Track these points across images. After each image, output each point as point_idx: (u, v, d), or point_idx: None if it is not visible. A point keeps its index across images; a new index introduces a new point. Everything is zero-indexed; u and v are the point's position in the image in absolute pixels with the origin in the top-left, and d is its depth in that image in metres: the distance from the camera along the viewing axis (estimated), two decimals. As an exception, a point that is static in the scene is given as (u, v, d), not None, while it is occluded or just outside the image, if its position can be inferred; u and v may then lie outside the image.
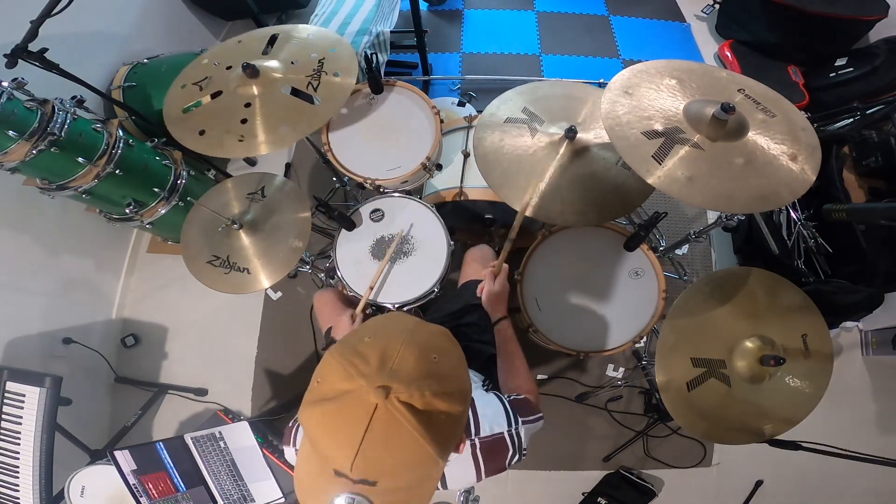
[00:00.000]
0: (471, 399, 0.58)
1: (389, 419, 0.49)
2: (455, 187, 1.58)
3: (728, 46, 2.63)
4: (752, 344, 1.07)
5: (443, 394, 0.51)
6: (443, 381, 0.53)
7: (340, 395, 0.50)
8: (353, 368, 0.51)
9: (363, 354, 0.52)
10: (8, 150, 1.34)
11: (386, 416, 0.49)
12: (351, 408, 0.49)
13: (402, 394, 0.49)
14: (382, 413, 0.49)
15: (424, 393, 0.50)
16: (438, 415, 0.51)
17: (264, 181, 1.42)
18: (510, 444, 0.80)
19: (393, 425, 0.49)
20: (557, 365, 2.00)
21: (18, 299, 1.71)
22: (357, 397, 0.49)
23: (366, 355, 0.52)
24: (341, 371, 0.51)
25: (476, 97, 2.16)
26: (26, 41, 1.22)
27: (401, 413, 0.49)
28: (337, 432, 0.50)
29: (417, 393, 0.50)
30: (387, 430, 0.49)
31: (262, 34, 1.45)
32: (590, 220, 1.26)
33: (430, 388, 0.51)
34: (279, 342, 2.10)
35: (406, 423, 0.49)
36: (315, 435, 0.52)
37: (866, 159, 1.80)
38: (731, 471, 1.93)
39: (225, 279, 1.32)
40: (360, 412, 0.49)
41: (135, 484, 1.43)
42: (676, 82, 1.12)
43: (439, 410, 0.51)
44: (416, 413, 0.49)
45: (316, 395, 0.52)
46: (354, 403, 0.49)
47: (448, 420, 0.52)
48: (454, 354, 0.58)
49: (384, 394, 0.48)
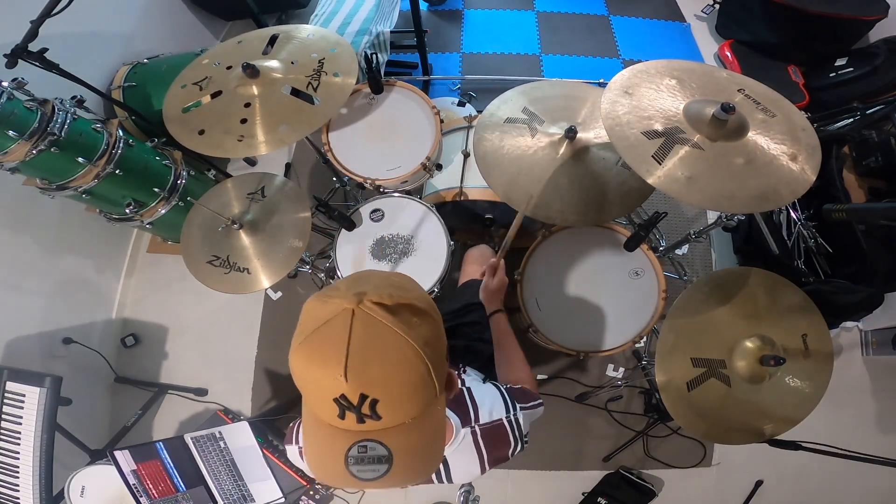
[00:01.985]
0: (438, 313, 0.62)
1: (367, 320, 0.52)
2: (455, 187, 1.58)
3: (728, 46, 2.63)
4: (752, 344, 1.07)
5: (409, 298, 0.56)
6: (405, 290, 0.58)
7: (320, 320, 0.53)
8: (327, 297, 0.55)
9: (335, 286, 0.58)
10: (8, 150, 1.34)
11: (363, 318, 0.52)
12: (331, 325, 0.52)
13: (374, 296, 0.53)
14: (360, 315, 0.52)
15: (392, 294, 0.54)
16: (410, 315, 0.55)
17: (264, 181, 1.43)
18: (510, 431, 0.81)
19: (372, 325, 0.52)
20: (557, 365, 1.99)
21: (18, 299, 1.71)
22: (335, 315, 0.53)
23: (337, 286, 0.58)
24: (318, 303, 0.55)
25: (476, 97, 2.16)
26: (26, 41, 1.22)
27: (376, 312, 0.52)
28: (324, 350, 0.52)
29: (386, 294, 0.54)
30: (368, 331, 0.52)
31: (262, 34, 1.45)
32: (590, 220, 1.26)
33: (396, 293, 0.55)
34: (279, 342, 2.10)
35: (383, 320, 0.52)
36: (305, 371, 0.54)
37: (866, 159, 1.80)
38: (731, 471, 1.93)
39: (225, 279, 1.32)
40: (339, 324, 0.52)
41: (135, 484, 1.43)
42: (676, 82, 1.12)
43: (409, 307, 0.55)
44: (389, 310, 0.53)
45: (299, 332, 0.56)
46: (333, 319, 0.53)
47: (422, 323, 0.56)
48: (414, 283, 0.63)
49: (357, 299, 0.52)
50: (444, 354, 0.60)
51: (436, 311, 0.61)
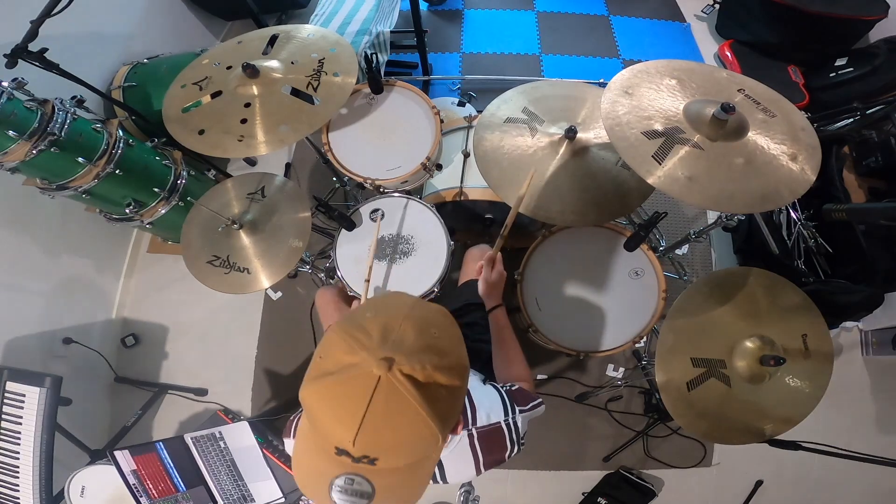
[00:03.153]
0: (468, 377, 0.58)
1: (392, 391, 0.49)
2: (455, 187, 1.58)
3: (728, 46, 2.63)
4: (752, 344, 1.07)
5: (443, 368, 0.52)
6: (443, 355, 0.53)
7: (343, 368, 0.50)
8: (356, 342, 0.51)
9: (365, 329, 0.53)
10: (8, 150, 1.34)
11: (389, 389, 0.49)
12: (354, 380, 0.49)
13: (405, 366, 0.49)
14: (385, 385, 0.49)
15: (426, 366, 0.50)
16: (439, 389, 0.51)
17: (264, 181, 1.43)
18: (507, 434, 0.80)
19: (395, 398, 0.49)
20: (557, 365, 1.99)
21: (18, 299, 1.71)
22: (360, 370, 0.49)
23: (368, 329, 0.53)
24: (344, 345, 0.52)
25: (476, 97, 2.16)
26: (26, 41, 1.22)
27: (403, 385, 0.49)
28: (339, 406, 0.50)
29: (419, 365, 0.50)
30: (389, 402, 0.49)
31: (263, 34, 1.45)
32: (590, 220, 1.26)
33: (431, 361, 0.51)
34: (279, 342, 2.10)
35: (408, 396, 0.49)
36: (316, 411, 0.52)
37: (866, 159, 1.80)
38: (731, 471, 1.93)
39: (225, 279, 1.32)
40: (363, 385, 0.49)
41: (135, 484, 1.43)
42: (676, 82, 1.12)
43: (439, 384, 0.51)
44: (418, 386, 0.50)
45: (318, 370, 0.52)
46: (357, 376, 0.49)
47: (448, 395, 0.53)
48: (453, 331, 0.59)
49: (387, 365, 0.49)
50: (460, 411, 0.58)
51: (466, 373, 0.57)
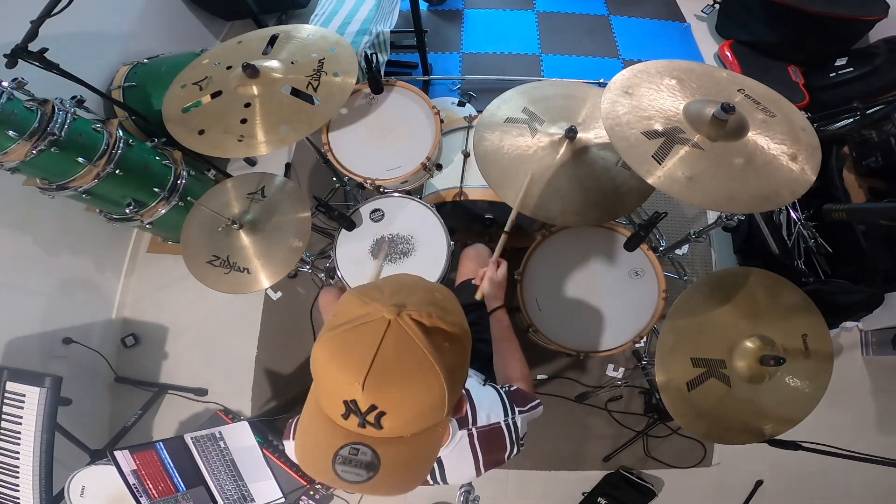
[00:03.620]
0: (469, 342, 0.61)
1: (401, 335, 0.52)
2: (455, 187, 1.58)
3: (728, 46, 2.63)
4: (752, 344, 1.07)
5: (447, 320, 0.55)
6: (446, 311, 0.57)
7: (356, 318, 0.53)
8: (368, 297, 0.55)
9: (378, 287, 0.58)
10: (8, 150, 1.34)
11: (398, 332, 0.52)
12: (365, 326, 0.53)
13: (413, 312, 0.53)
14: (395, 328, 0.52)
15: (431, 314, 0.54)
16: (443, 337, 0.55)
17: (264, 181, 1.43)
18: (507, 435, 0.81)
19: (404, 341, 0.52)
20: (557, 365, 1.99)
21: (18, 299, 1.71)
22: (371, 317, 0.53)
23: (380, 287, 0.58)
24: (357, 301, 0.55)
25: (476, 97, 2.16)
26: (26, 41, 1.22)
27: (411, 329, 0.52)
28: (350, 352, 0.52)
29: (426, 313, 0.54)
30: (398, 345, 0.52)
31: (263, 34, 1.45)
32: (590, 220, 1.26)
33: (437, 312, 0.55)
34: (279, 342, 2.10)
35: (416, 340, 0.52)
36: (327, 365, 0.54)
37: (866, 159, 1.80)
38: (731, 471, 1.93)
39: (225, 279, 1.32)
40: (374, 329, 0.52)
41: (135, 484, 1.43)
42: (676, 82, 1.12)
43: (444, 331, 0.55)
44: (425, 330, 0.53)
45: (330, 325, 0.55)
46: (369, 322, 0.53)
47: (452, 348, 0.55)
48: (453, 299, 0.62)
49: (397, 311, 0.52)
50: (463, 381, 0.60)
51: (468, 337, 0.60)
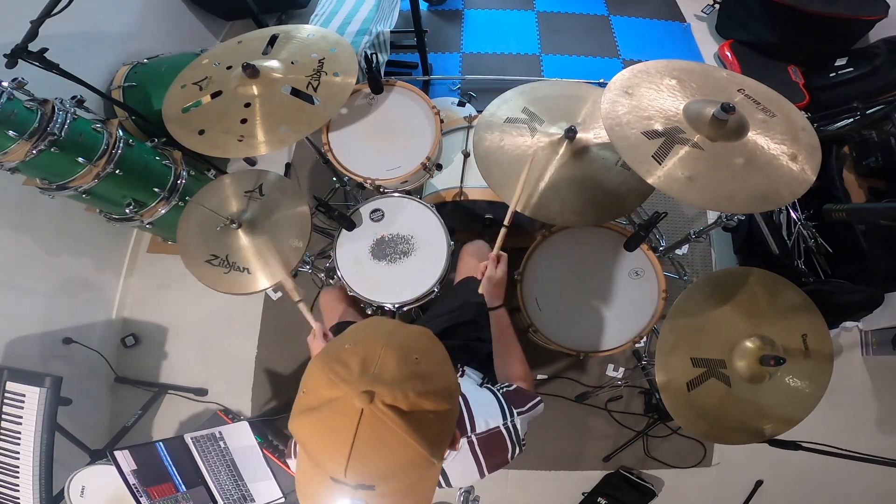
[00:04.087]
0: (459, 396, 0.58)
1: (376, 423, 0.49)
2: (455, 187, 1.58)
3: (728, 46, 2.63)
4: (752, 344, 1.07)
5: (428, 393, 0.51)
6: (426, 380, 0.53)
7: (326, 403, 0.50)
8: (336, 376, 0.51)
9: (344, 361, 0.52)
10: (8, 150, 1.34)
11: (373, 421, 0.49)
12: (337, 415, 0.49)
13: (387, 396, 0.49)
14: (369, 418, 0.49)
15: (408, 394, 0.50)
16: (425, 414, 0.51)
17: (261, 178, 1.42)
18: (507, 438, 0.80)
19: (381, 429, 0.49)
20: (557, 365, 1.99)
21: (18, 299, 1.71)
22: (342, 404, 0.49)
23: (347, 362, 0.52)
24: (324, 379, 0.51)
25: (476, 97, 2.16)
26: (26, 41, 1.22)
27: (387, 416, 0.49)
28: (326, 441, 0.50)
29: (401, 394, 0.50)
30: (375, 434, 0.49)
31: (262, 34, 1.45)
32: (590, 220, 1.26)
33: (415, 388, 0.51)
34: (279, 342, 2.10)
35: (394, 426, 0.49)
36: (306, 444, 0.52)
37: (866, 159, 1.80)
38: (731, 471, 1.93)
39: (224, 279, 1.32)
40: (346, 419, 0.49)
41: (135, 484, 1.43)
42: (676, 82, 1.12)
43: (426, 410, 0.51)
44: (403, 415, 0.49)
45: (302, 405, 0.52)
46: (340, 410, 0.49)
47: (436, 419, 0.52)
48: (436, 353, 0.58)
49: (368, 398, 0.48)
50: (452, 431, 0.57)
51: (454, 395, 0.57)
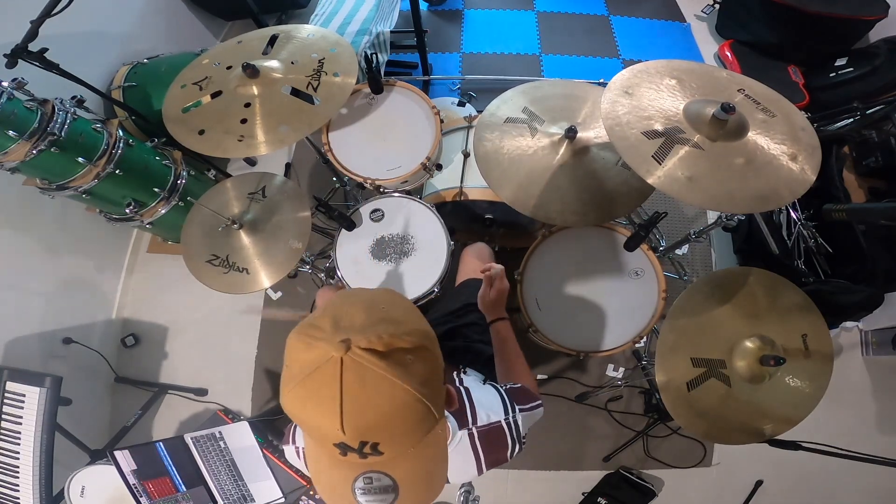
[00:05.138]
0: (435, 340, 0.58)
1: (359, 369, 0.50)
2: (455, 187, 1.58)
3: (728, 46, 2.63)
4: (752, 344, 1.07)
5: (400, 334, 0.53)
6: (397, 323, 0.54)
7: (307, 365, 0.51)
8: (311, 338, 0.52)
9: (317, 325, 0.54)
10: (8, 150, 1.34)
11: (355, 367, 0.50)
12: (320, 371, 0.50)
13: (362, 341, 0.50)
14: (350, 365, 0.50)
15: (381, 335, 0.51)
16: (403, 355, 0.52)
17: (265, 181, 1.43)
18: (508, 433, 0.80)
19: (365, 374, 0.50)
20: (557, 365, 1.99)
21: (18, 299, 1.71)
22: (322, 361, 0.50)
23: (319, 325, 0.54)
24: (301, 345, 0.53)
25: (476, 97, 2.16)
26: (26, 41, 1.22)
27: (366, 359, 0.50)
28: (316, 401, 0.51)
29: (375, 337, 0.51)
30: (360, 381, 0.50)
31: (262, 34, 1.45)
32: (590, 220, 1.26)
33: (387, 331, 0.52)
34: (279, 342, 2.08)
35: (375, 368, 0.50)
36: (301, 415, 0.53)
37: (866, 159, 1.80)
38: (731, 471, 1.93)
39: (224, 279, 1.32)
40: (329, 372, 0.50)
41: (135, 484, 1.43)
42: (676, 82, 1.12)
43: (402, 349, 0.52)
44: (382, 356, 0.50)
45: (288, 378, 0.53)
46: (322, 369, 0.50)
47: (417, 359, 0.53)
48: (401, 303, 0.60)
49: (345, 347, 0.50)
50: (441, 380, 0.58)
51: (429, 338, 0.58)
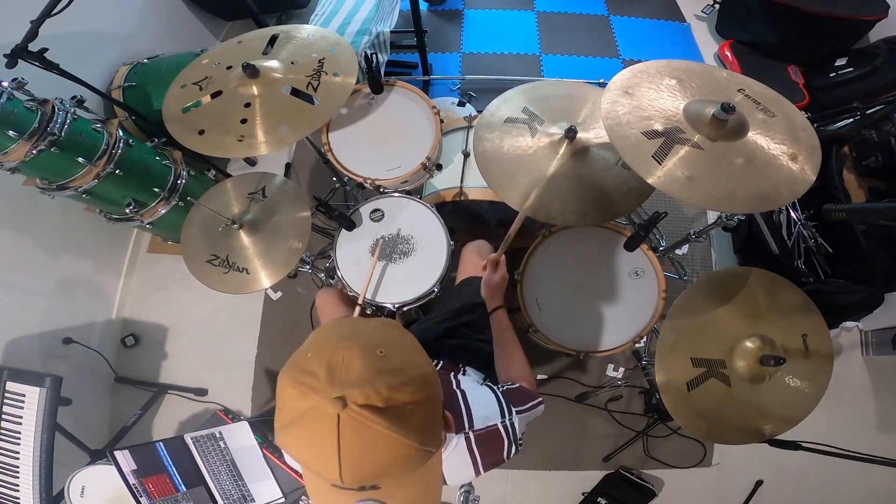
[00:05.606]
0: (436, 380, 0.57)
1: (356, 425, 0.48)
2: (455, 187, 1.58)
3: (728, 46, 2.63)
4: (752, 344, 1.07)
5: (401, 384, 0.51)
6: (397, 372, 0.52)
7: (302, 415, 0.50)
8: (305, 387, 0.50)
9: (310, 371, 0.51)
10: (8, 150, 1.34)
11: (352, 424, 0.48)
12: (316, 424, 0.49)
13: (359, 398, 0.49)
14: (347, 422, 0.48)
15: (380, 390, 0.49)
16: (404, 407, 0.51)
17: (265, 181, 1.42)
18: (505, 436, 0.80)
19: (362, 430, 0.49)
20: (557, 365, 1.99)
21: (18, 299, 1.71)
22: (318, 413, 0.49)
23: (313, 371, 0.51)
24: (295, 393, 0.51)
25: (476, 97, 2.16)
26: (26, 41, 1.22)
27: (365, 416, 0.48)
28: (314, 450, 0.50)
29: (373, 392, 0.49)
30: (359, 436, 0.49)
31: (262, 34, 1.45)
32: (590, 220, 1.25)
33: (385, 383, 0.50)
34: (279, 342, 2.10)
35: (374, 425, 0.49)
36: (297, 457, 0.53)
37: (866, 159, 1.80)
38: (731, 471, 1.93)
39: (224, 279, 1.32)
40: (326, 426, 0.48)
41: (135, 484, 1.43)
42: (676, 82, 1.12)
43: (403, 402, 0.51)
44: (380, 412, 0.49)
45: (281, 420, 0.52)
46: (318, 419, 0.49)
47: (417, 409, 0.52)
48: (402, 343, 0.58)
49: (341, 404, 0.48)
50: (440, 414, 0.57)
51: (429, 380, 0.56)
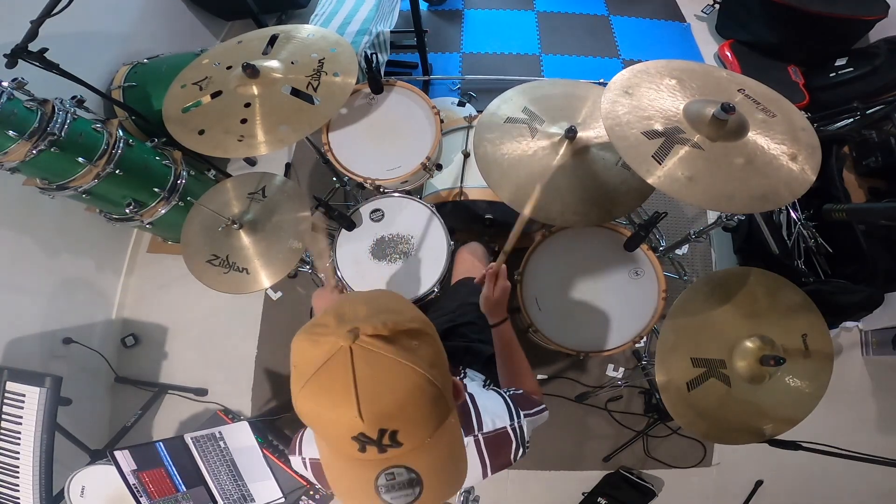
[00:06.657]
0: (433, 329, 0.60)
1: (367, 355, 0.51)
2: (455, 187, 1.58)
3: (728, 46, 2.63)
4: (752, 344, 1.07)
5: (402, 321, 0.54)
6: (397, 312, 0.56)
7: (317, 361, 0.52)
8: (317, 335, 0.53)
9: (321, 323, 0.55)
10: (8, 150, 1.34)
11: (364, 354, 0.51)
12: (331, 365, 0.51)
13: (368, 328, 0.52)
14: (359, 352, 0.51)
15: (386, 322, 0.53)
16: (409, 339, 0.54)
17: (265, 181, 1.43)
18: (514, 438, 0.81)
19: (374, 359, 0.51)
20: (557, 365, 1.99)
21: (18, 299, 1.71)
22: (331, 353, 0.51)
23: (324, 322, 0.55)
24: (308, 343, 0.54)
25: (476, 97, 2.16)
26: (26, 41, 1.22)
27: (374, 345, 0.51)
28: (330, 394, 0.51)
29: (380, 323, 0.52)
30: (371, 366, 0.51)
31: (262, 34, 1.45)
32: (590, 220, 1.25)
33: (390, 318, 0.54)
34: (279, 342, 2.10)
35: (385, 353, 0.51)
36: (316, 413, 0.53)
37: (866, 159, 1.80)
38: (731, 471, 1.93)
39: (224, 279, 1.32)
40: (340, 363, 0.51)
41: (135, 484, 1.43)
42: (676, 82, 1.12)
43: (407, 333, 0.54)
44: (389, 340, 0.52)
45: (298, 378, 0.54)
46: (332, 359, 0.51)
47: (421, 344, 0.55)
48: (399, 298, 0.62)
49: (352, 335, 0.51)
50: (447, 367, 0.59)
51: (430, 326, 0.59)
